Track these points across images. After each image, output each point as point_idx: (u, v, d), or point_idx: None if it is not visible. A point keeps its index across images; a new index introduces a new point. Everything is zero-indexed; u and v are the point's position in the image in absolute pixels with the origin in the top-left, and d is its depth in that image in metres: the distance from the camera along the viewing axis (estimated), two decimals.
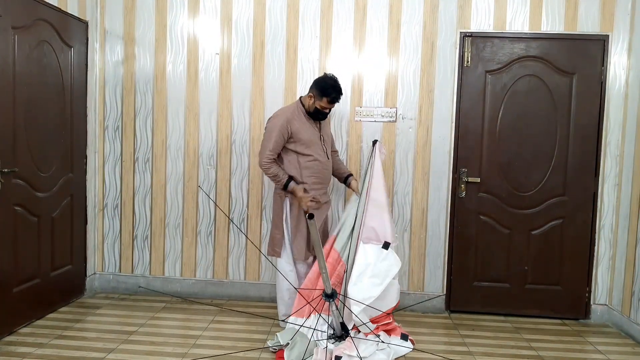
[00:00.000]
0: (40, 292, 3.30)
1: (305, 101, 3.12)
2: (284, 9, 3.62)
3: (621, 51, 3.48)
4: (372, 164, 3.14)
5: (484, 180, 3.59)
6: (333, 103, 3.08)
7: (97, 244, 3.89)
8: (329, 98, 3.03)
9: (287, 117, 3.06)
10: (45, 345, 2.90)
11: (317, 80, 3.10)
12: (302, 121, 3.09)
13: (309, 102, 3.09)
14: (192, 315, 3.46)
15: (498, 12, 3.52)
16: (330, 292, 2.74)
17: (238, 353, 2.88)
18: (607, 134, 3.52)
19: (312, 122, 3.14)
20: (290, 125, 3.04)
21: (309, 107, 3.10)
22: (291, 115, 3.07)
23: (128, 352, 2.85)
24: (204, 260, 3.82)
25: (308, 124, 3.11)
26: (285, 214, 3.14)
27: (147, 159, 3.80)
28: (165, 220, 3.82)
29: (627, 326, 3.36)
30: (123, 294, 3.85)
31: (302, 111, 3.12)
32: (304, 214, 2.72)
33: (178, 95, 3.74)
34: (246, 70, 3.68)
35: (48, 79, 3.29)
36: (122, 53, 3.76)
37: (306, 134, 3.07)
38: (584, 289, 3.61)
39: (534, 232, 3.60)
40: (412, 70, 3.60)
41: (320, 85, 3.05)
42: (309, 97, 3.09)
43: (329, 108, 3.11)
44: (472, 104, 3.57)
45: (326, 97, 3.03)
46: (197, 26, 3.69)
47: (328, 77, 3.10)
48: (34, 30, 3.13)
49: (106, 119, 3.82)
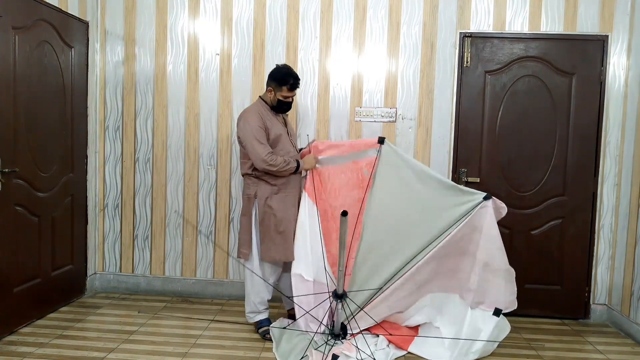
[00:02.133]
0: (41, 292, 3.30)
1: (266, 97, 3.11)
2: (284, 9, 3.63)
3: (620, 51, 3.48)
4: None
5: (483, 180, 3.59)
6: (293, 90, 3.06)
7: (97, 244, 3.90)
8: (288, 85, 3.02)
9: (257, 113, 3.04)
10: (45, 345, 2.91)
11: (272, 73, 3.09)
12: (269, 117, 3.07)
13: (270, 97, 3.08)
14: (192, 315, 3.47)
15: (498, 13, 3.53)
16: (341, 292, 2.75)
17: (238, 352, 2.89)
18: (607, 134, 3.52)
19: (278, 117, 3.14)
20: (264, 120, 3.03)
21: (272, 101, 3.08)
22: (259, 112, 3.05)
23: (128, 351, 2.85)
24: (204, 260, 3.83)
25: (275, 119, 3.10)
26: (255, 216, 3.08)
27: (147, 159, 3.81)
28: (165, 220, 3.83)
29: (626, 326, 3.36)
30: (124, 293, 3.86)
31: (266, 108, 3.10)
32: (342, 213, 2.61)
33: (178, 95, 3.75)
34: (246, 71, 3.68)
35: (49, 79, 3.30)
36: (123, 53, 3.77)
37: (275, 128, 3.06)
38: (583, 289, 3.62)
39: (533, 232, 3.60)
40: (411, 71, 3.61)
41: (275, 76, 3.05)
42: (269, 91, 3.07)
43: (290, 96, 3.09)
44: (471, 104, 3.58)
45: (285, 86, 3.02)
46: (198, 26, 3.70)
47: (281, 66, 3.10)
48: (34, 31, 3.13)
49: (107, 119, 3.82)
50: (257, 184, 3.06)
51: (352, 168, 3.18)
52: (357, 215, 3.09)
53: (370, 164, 3.14)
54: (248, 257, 3.12)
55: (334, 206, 3.14)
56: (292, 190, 3.11)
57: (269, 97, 3.09)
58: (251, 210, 3.08)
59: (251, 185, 3.08)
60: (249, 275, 3.14)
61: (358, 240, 3.09)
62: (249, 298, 3.16)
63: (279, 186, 3.05)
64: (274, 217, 3.02)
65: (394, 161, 3.11)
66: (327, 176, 3.19)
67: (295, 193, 3.13)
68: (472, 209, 2.87)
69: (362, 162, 3.16)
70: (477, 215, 2.87)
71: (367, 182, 3.13)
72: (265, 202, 3.04)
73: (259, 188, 3.06)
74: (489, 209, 2.88)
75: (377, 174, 3.13)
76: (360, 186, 3.15)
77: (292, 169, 3.03)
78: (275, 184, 3.05)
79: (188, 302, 3.72)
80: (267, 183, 3.05)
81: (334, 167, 3.18)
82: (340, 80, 3.65)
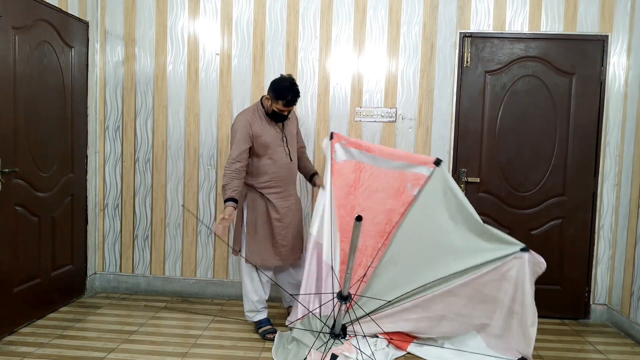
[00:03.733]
0: (41, 292, 3.30)
1: (264, 102, 3.01)
2: (284, 9, 3.63)
3: (620, 51, 3.48)
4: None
5: (483, 180, 3.59)
6: (289, 106, 2.93)
7: (97, 244, 3.90)
8: (284, 101, 2.89)
9: (247, 119, 2.97)
10: (45, 345, 2.91)
11: (274, 82, 2.96)
12: (262, 123, 2.99)
13: (267, 103, 2.98)
14: (192, 315, 3.47)
15: (497, 13, 3.53)
16: (346, 294, 2.75)
17: (238, 352, 2.89)
18: (607, 134, 3.52)
19: (273, 123, 3.03)
20: (252, 126, 2.95)
21: (267, 109, 2.99)
22: (251, 117, 2.98)
23: (128, 351, 2.85)
24: (205, 260, 3.83)
25: (269, 125, 3.01)
26: (245, 215, 3.09)
27: (147, 159, 3.81)
28: (165, 220, 3.83)
29: (626, 326, 3.36)
30: (124, 293, 3.86)
31: (262, 112, 3.02)
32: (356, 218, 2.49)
33: (178, 95, 3.75)
34: (246, 71, 3.68)
35: (48, 79, 3.30)
36: (123, 53, 3.77)
37: (266, 136, 2.97)
38: (583, 289, 3.62)
39: (533, 232, 3.60)
40: (411, 71, 3.61)
41: (275, 87, 2.92)
42: (267, 98, 2.98)
43: (286, 111, 2.97)
44: (471, 104, 3.58)
45: (281, 100, 2.89)
46: (198, 26, 3.70)
47: (285, 78, 2.95)
48: (34, 31, 3.13)
49: (107, 119, 3.82)
50: (246, 187, 3.08)
51: (397, 177, 3.08)
52: (385, 226, 3.06)
53: (417, 181, 3.03)
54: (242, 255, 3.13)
55: (363, 206, 3.09)
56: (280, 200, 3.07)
57: (266, 104, 3.00)
58: (242, 209, 3.10)
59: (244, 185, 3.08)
60: (246, 273, 3.14)
61: (382, 252, 3.05)
62: (248, 297, 3.16)
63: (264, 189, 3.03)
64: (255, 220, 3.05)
65: (442, 187, 2.98)
66: (368, 175, 3.12)
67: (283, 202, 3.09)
68: (504, 256, 2.77)
69: (409, 175, 3.06)
70: (510, 265, 2.76)
71: (408, 197, 3.05)
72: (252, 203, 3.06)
73: (248, 189, 3.08)
74: (525, 262, 2.75)
75: (422, 194, 3.03)
76: (398, 198, 3.07)
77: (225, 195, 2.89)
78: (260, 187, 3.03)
79: (188, 302, 3.72)
80: (253, 187, 3.05)
81: (378, 168, 3.11)
82: (340, 80, 3.65)
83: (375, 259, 3.06)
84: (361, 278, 3.01)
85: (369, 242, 3.08)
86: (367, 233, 3.06)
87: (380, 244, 3.07)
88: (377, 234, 3.10)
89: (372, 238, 3.09)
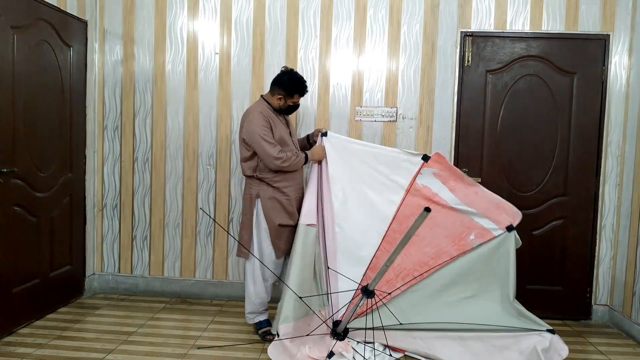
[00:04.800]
0: (40, 293, 3.29)
1: (271, 101, 3.07)
2: (284, 8, 3.62)
3: (622, 51, 3.47)
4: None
5: (484, 180, 3.57)
6: (303, 95, 3.12)
7: (96, 244, 3.88)
8: (299, 93, 3.07)
9: (263, 117, 3.00)
10: (44, 346, 2.89)
11: (282, 81, 3.03)
12: (274, 119, 3.05)
13: (278, 103, 3.05)
14: (191, 316, 3.45)
15: (499, 12, 3.51)
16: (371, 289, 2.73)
17: (237, 353, 2.87)
18: (608, 133, 3.51)
19: (280, 118, 3.12)
20: (270, 123, 3.01)
21: (281, 107, 3.07)
22: (266, 115, 3.02)
23: (127, 352, 2.84)
24: (204, 261, 3.81)
25: (277, 120, 3.08)
26: (255, 215, 3.08)
27: (146, 158, 3.79)
28: (164, 220, 3.81)
29: (628, 327, 3.34)
30: (122, 294, 3.84)
31: (269, 108, 3.08)
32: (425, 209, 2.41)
33: (177, 95, 3.73)
34: (246, 70, 3.67)
35: (47, 78, 3.28)
36: (122, 53, 3.75)
37: (279, 131, 3.05)
38: (585, 290, 3.60)
39: (534, 232, 3.58)
40: (412, 70, 3.59)
41: (286, 84, 3.01)
42: (278, 99, 3.04)
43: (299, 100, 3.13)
44: (472, 103, 3.56)
45: (297, 94, 3.06)
46: (197, 26, 3.69)
47: (290, 73, 3.05)
48: (33, 30, 3.12)
49: (105, 119, 3.81)
50: (259, 185, 3.06)
51: (464, 223, 3.02)
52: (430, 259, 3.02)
53: (482, 235, 2.99)
54: (248, 257, 3.11)
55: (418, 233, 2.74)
56: (293, 192, 3.11)
57: (276, 103, 3.05)
58: (252, 210, 3.08)
59: (253, 186, 3.08)
60: (249, 275, 3.13)
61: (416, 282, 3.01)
62: (250, 298, 3.14)
63: (280, 188, 3.05)
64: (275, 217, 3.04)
65: (500, 253, 2.99)
66: (438, 209, 3.02)
67: (296, 194, 3.13)
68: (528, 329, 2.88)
69: (477, 226, 3.01)
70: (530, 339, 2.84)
71: (466, 245, 3.00)
72: (267, 202, 3.04)
73: (261, 189, 3.06)
74: (546, 342, 2.81)
75: (479, 249, 3.00)
76: (456, 242, 3.02)
77: (303, 160, 3.08)
78: (277, 186, 3.05)
79: (187, 303, 3.70)
80: (269, 185, 3.05)
81: (451, 208, 3.04)
82: (341, 79, 3.63)
83: (406, 285, 3.01)
84: (385, 294, 2.97)
85: (407, 264, 3.03)
86: (409, 256, 3.02)
87: (417, 273, 3.01)
88: (418, 263, 3.03)
89: (412, 263, 3.03)
